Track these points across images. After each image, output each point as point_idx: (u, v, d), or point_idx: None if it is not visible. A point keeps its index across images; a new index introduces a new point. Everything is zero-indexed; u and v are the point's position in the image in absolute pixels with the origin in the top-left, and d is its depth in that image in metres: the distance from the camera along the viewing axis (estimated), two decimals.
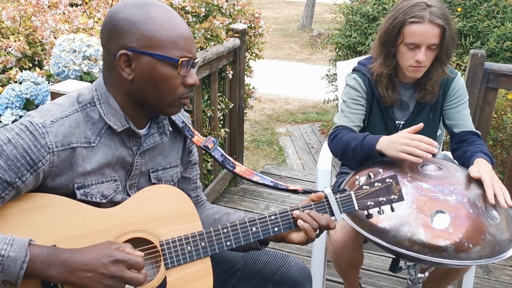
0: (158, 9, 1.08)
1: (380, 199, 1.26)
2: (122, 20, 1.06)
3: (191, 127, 1.32)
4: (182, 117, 1.31)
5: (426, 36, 1.66)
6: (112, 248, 1.04)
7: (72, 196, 1.10)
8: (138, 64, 1.07)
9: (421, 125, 1.60)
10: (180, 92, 1.12)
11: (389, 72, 1.80)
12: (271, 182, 1.36)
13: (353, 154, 1.70)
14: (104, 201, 1.14)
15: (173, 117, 1.28)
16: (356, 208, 1.25)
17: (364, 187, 1.27)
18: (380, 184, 1.26)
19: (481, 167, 1.57)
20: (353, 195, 1.25)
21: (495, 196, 1.47)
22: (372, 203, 1.25)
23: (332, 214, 1.24)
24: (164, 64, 1.07)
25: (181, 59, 1.08)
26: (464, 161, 1.71)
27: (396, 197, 1.27)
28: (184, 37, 1.09)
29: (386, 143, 1.61)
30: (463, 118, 1.86)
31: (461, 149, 1.79)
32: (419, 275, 1.71)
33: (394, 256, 1.56)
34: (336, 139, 1.79)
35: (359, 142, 1.68)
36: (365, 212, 1.28)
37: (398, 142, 1.56)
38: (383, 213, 1.27)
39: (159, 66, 1.07)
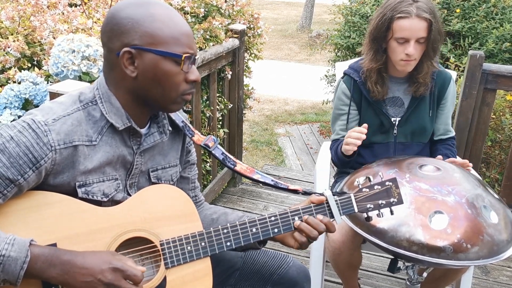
0: (159, 7, 1.10)
1: (380, 202, 1.26)
2: (124, 19, 1.07)
3: (191, 127, 1.33)
4: (181, 117, 1.32)
5: (414, 30, 1.71)
6: (113, 257, 1.05)
7: (74, 194, 1.10)
8: (141, 61, 1.08)
9: (365, 125, 1.72)
10: (182, 89, 1.13)
11: (379, 67, 1.85)
12: (272, 180, 1.37)
13: (337, 161, 1.93)
14: (105, 199, 1.15)
15: (172, 116, 1.29)
16: (356, 210, 1.25)
17: (364, 189, 1.27)
18: (379, 187, 1.27)
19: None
20: (352, 197, 1.26)
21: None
22: (372, 206, 1.26)
23: (332, 216, 1.24)
24: (167, 60, 1.09)
25: (184, 55, 1.09)
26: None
27: (395, 200, 1.27)
28: (186, 34, 1.11)
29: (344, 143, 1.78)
30: (447, 122, 1.98)
31: (434, 146, 1.98)
32: (418, 275, 1.72)
33: (393, 257, 1.56)
34: (332, 153, 2.00)
35: (335, 151, 1.92)
36: (364, 215, 1.28)
37: (346, 138, 1.75)
38: (382, 216, 1.27)
39: (162, 63, 1.09)
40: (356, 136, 1.69)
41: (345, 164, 1.90)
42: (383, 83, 1.88)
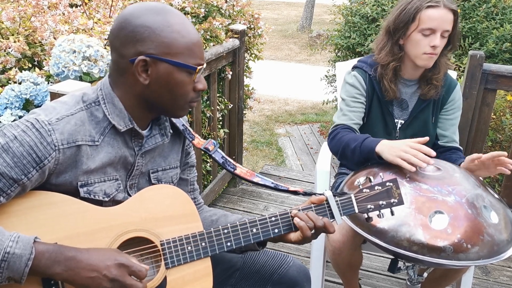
0: (175, 16, 1.10)
1: (380, 202, 1.26)
2: (140, 26, 1.07)
3: (191, 130, 1.34)
4: (182, 120, 1.33)
5: (442, 20, 1.68)
6: (117, 253, 1.05)
7: (75, 193, 1.11)
8: (155, 70, 1.09)
9: (427, 138, 1.60)
10: (191, 97, 1.16)
11: (396, 64, 1.80)
12: (272, 183, 1.37)
13: (352, 155, 1.70)
14: (106, 199, 1.15)
15: (173, 120, 1.30)
16: (356, 211, 1.26)
17: (364, 190, 1.27)
18: (380, 187, 1.27)
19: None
20: (353, 198, 1.26)
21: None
22: (372, 207, 1.26)
23: (332, 216, 1.24)
24: (180, 71, 1.10)
25: (198, 67, 1.11)
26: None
27: (396, 200, 1.27)
28: (198, 45, 1.12)
29: (386, 147, 1.61)
30: (455, 133, 1.91)
31: (442, 156, 1.83)
32: (418, 276, 1.72)
33: (393, 257, 1.56)
34: (336, 139, 1.78)
35: (358, 143, 1.68)
36: (365, 215, 1.28)
37: (398, 148, 1.56)
38: (383, 216, 1.27)
39: (176, 73, 1.10)
40: (423, 158, 1.52)
41: (358, 162, 1.72)
42: (396, 83, 1.83)
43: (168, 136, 1.25)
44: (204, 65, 1.16)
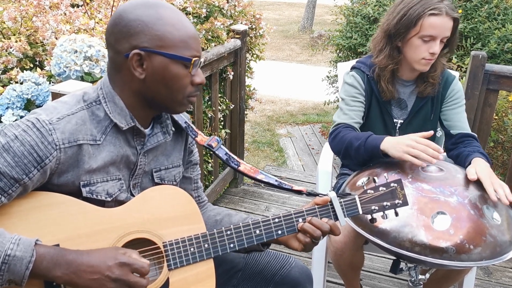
0: (168, 10, 1.10)
1: (385, 203, 1.25)
2: (133, 20, 1.07)
3: (194, 127, 1.33)
4: (184, 118, 1.32)
5: (443, 28, 1.69)
6: (118, 252, 1.05)
7: (78, 193, 1.10)
8: (150, 64, 1.09)
9: (431, 132, 1.60)
10: (188, 91, 1.15)
11: (395, 66, 1.80)
12: (276, 181, 1.36)
13: (356, 153, 1.69)
14: (109, 199, 1.15)
15: (175, 117, 1.29)
16: (360, 212, 1.25)
17: (368, 191, 1.26)
18: (384, 188, 1.26)
19: (478, 167, 1.58)
20: (357, 199, 1.25)
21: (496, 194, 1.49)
22: (376, 208, 1.25)
23: (336, 218, 1.24)
24: (176, 63, 1.10)
25: (193, 59, 1.11)
26: (460, 161, 1.73)
27: (400, 201, 1.26)
28: (194, 37, 1.12)
29: (391, 143, 1.60)
30: (461, 120, 1.87)
31: (457, 149, 1.80)
32: (420, 276, 1.71)
33: (395, 258, 1.56)
34: (338, 138, 1.78)
35: (362, 141, 1.67)
36: (369, 216, 1.28)
37: (404, 144, 1.56)
38: (387, 217, 1.27)
39: (171, 66, 1.09)
40: (432, 153, 1.50)
41: (362, 161, 1.72)
42: (393, 84, 1.84)
43: (170, 134, 1.25)
44: (202, 58, 1.15)
